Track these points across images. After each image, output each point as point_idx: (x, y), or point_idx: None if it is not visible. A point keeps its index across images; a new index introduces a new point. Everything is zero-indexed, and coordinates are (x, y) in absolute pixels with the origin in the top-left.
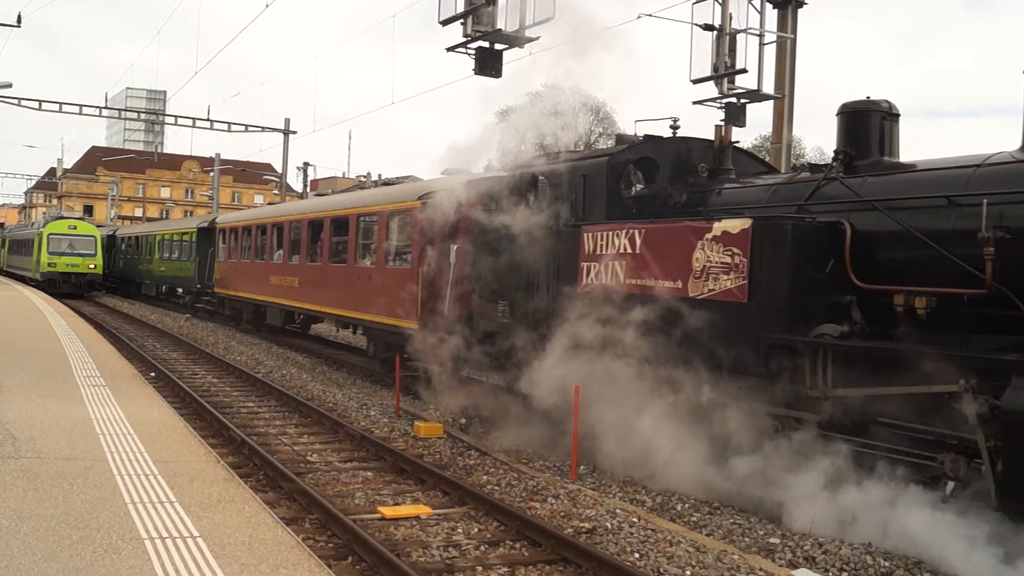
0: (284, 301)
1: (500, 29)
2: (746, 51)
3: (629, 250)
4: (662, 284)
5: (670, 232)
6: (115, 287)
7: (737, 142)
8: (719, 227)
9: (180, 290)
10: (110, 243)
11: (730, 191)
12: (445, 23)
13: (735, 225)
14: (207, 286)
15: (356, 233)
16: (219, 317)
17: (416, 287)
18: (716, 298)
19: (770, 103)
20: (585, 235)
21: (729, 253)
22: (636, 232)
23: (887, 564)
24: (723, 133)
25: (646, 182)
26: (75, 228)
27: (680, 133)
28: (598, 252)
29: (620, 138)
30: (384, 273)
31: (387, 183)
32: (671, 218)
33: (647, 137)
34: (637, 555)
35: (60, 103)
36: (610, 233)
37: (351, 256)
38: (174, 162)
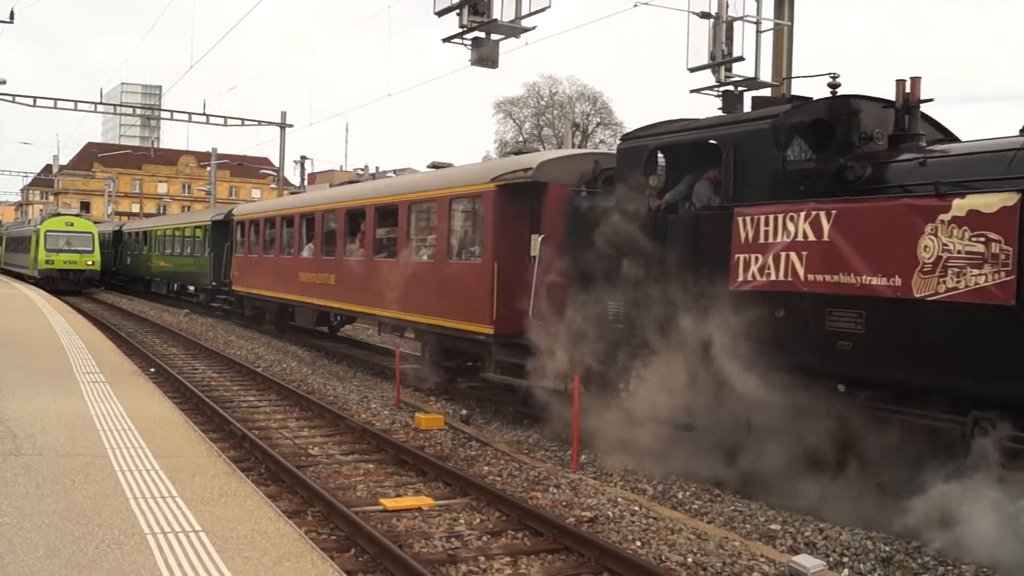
0: (317, 301)
1: (496, 19)
2: (743, 39)
3: (813, 237)
4: (869, 281)
5: (881, 213)
6: (122, 285)
7: (931, 99)
8: (962, 205)
9: (192, 288)
10: (116, 239)
11: (940, 161)
12: (441, 14)
13: (990, 202)
14: (223, 283)
15: (408, 223)
16: (236, 317)
17: (491, 285)
18: (960, 299)
19: (768, 91)
20: (741, 220)
21: (981, 239)
22: (823, 214)
23: (887, 549)
24: (908, 89)
25: (813, 151)
26: (72, 225)
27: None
28: (762, 241)
29: (759, 101)
30: (446, 269)
31: (436, 166)
32: (859, 196)
33: (793, 97)
34: (639, 543)
35: (55, 99)
36: (781, 216)
37: (402, 249)
38: (170, 157)
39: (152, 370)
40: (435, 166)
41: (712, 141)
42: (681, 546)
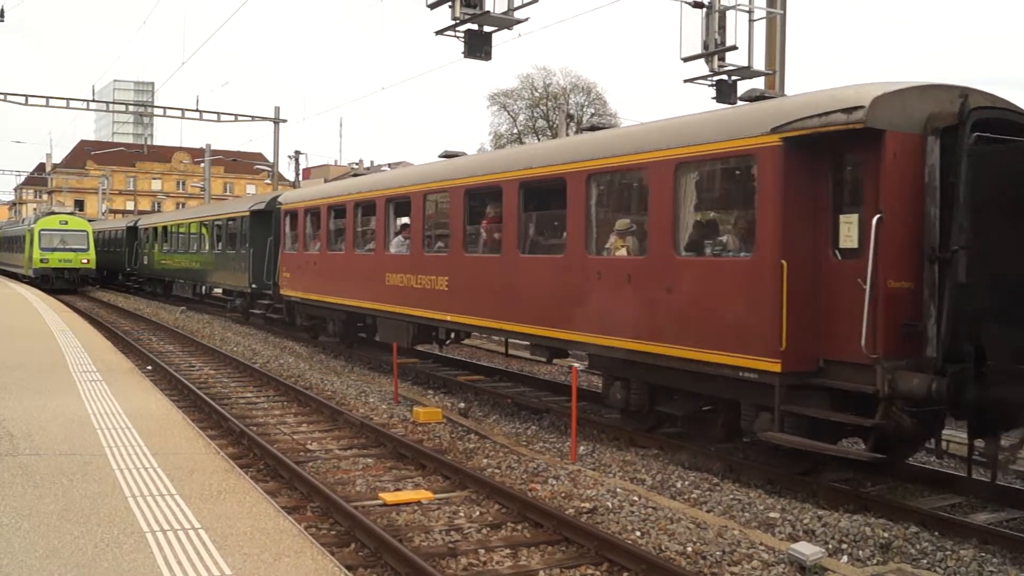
0: (417, 311)
1: (488, 11)
2: (736, 28)
3: None
4: None
5: None
6: (137, 287)
7: None
8: None
9: (220, 291)
10: (130, 236)
11: None
12: (433, 6)
13: None
14: (265, 286)
15: (586, 203)
16: (283, 328)
17: (776, 295)
18: None
19: (761, 80)
20: None
21: None
22: None
23: (886, 535)
24: None
25: None
26: (66, 223)
27: (670, 112)
28: None
29: None
30: (672, 270)
31: (594, 128)
32: None
33: None
34: (638, 533)
35: (47, 97)
36: None
37: (576, 241)
38: (164, 154)
39: (149, 368)
40: (593, 128)
41: None
42: (680, 535)
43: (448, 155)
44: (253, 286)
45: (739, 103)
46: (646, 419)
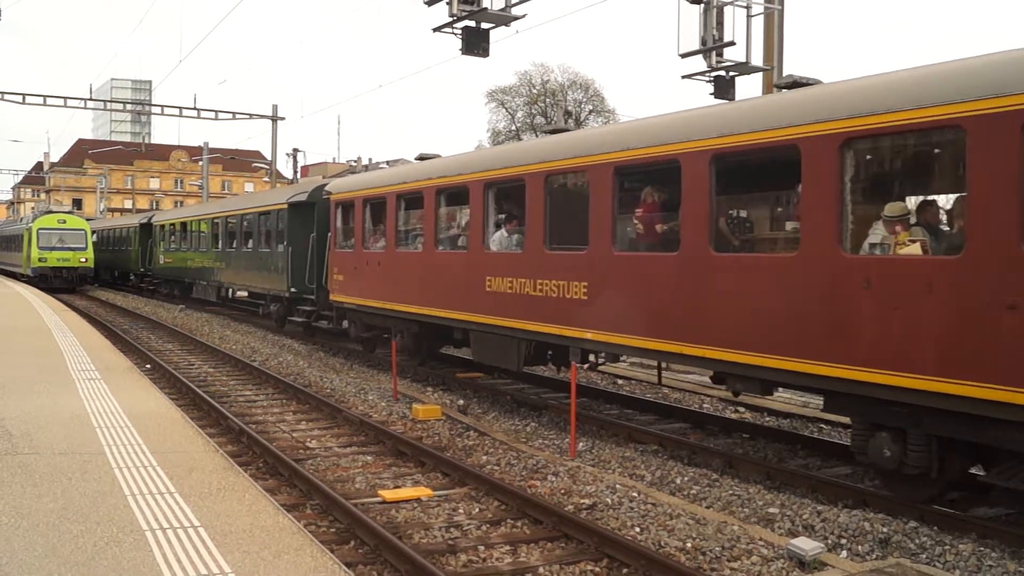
0: (537, 325)
1: (486, 8)
2: (734, 23)
3: None
4: None
5: None
6: (152, 289)
7: None
8: None
9: (246, 294)
10: (144, 234)
11: None
12: (430, 3)
13: None
14: (307, 290)
15: (839, 180)
16: (325, 337)
17: None
18: None
19: (759, 76)
20: None
21: None
22: None
23: (885, 530)
24: None
25: None
26: (64, 222)
27: (666, 108)
28: None
29: None
30: (1016, 274)
31: (797, 84)
32: None
33: None
34: (638, 529)
35: (44, 96)
36: None
37: (821, 234)
38: (162, 152)
39: (148, 366)
40: (792, 84)
41: None
42: (680, 531)
43: (554, 131)
44: (292, 290)
45: None
46: (930, 485)
